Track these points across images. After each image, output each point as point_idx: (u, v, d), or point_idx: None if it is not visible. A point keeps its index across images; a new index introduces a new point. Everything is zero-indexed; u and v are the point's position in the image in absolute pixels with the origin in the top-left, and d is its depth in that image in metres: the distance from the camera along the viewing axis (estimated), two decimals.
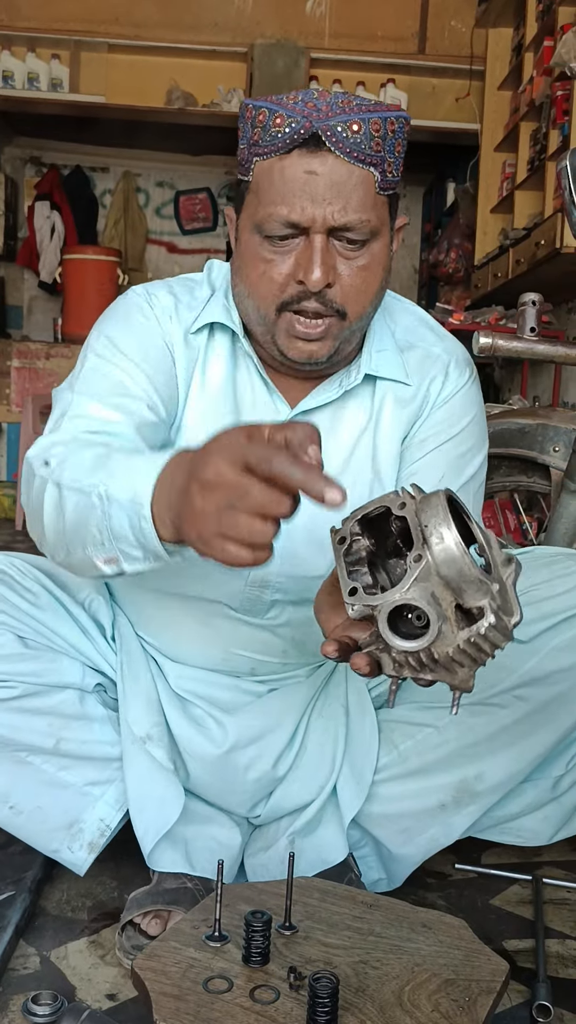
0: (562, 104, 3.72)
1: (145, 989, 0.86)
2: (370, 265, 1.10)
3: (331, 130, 1.03)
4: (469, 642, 0.80)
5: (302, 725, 1.27)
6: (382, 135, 1.05)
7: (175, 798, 1.19)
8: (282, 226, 1.06)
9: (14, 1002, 1.04)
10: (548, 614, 1.17)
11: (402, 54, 5.60)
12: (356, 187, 1.05)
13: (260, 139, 1.06)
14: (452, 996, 0.87)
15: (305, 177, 1.04)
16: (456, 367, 1.25)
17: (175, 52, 5.58)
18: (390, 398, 1.22)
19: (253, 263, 1.10)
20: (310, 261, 1.06)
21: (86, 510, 0.96)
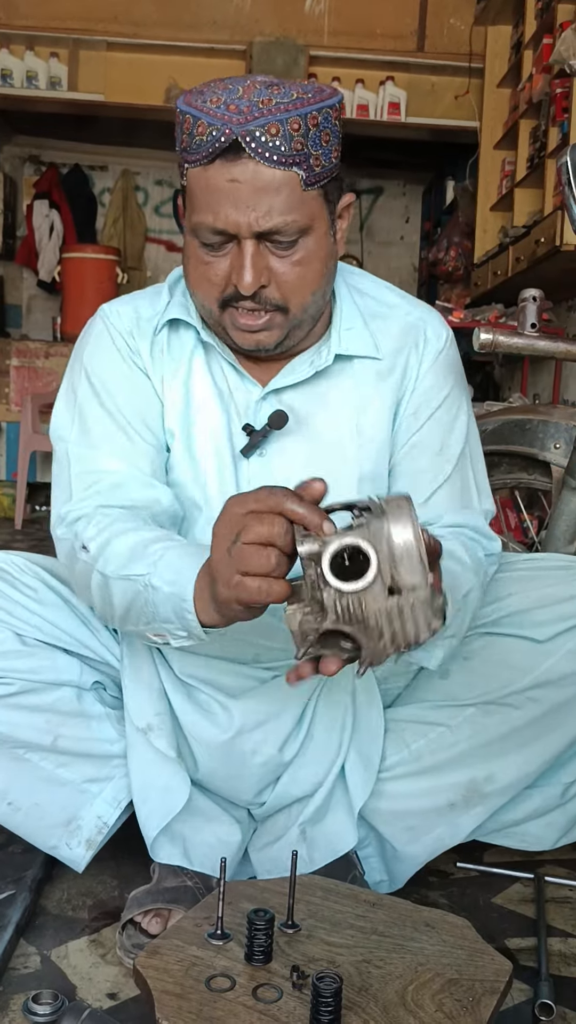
0: (561, 101, 3.72)
1: (147, 987, 0.85)
2: (305, 259, 1.11)
3: (250, 135, 1.03)
4: (397, 608, 0.83)
5: (308, 712, 1.27)
6: (303, 132, 1.05)
7: (180, 786, 1.20)
8: (211, 234, 1.09)
9: (15, 1001, 1.03)
10: (565, 616, 1.17)
11: (401, 52, 5.58)
12: (279, 190, 1.06)
13: (188, 145, 1.08)
14: (456, 996, 0.87)
15: (228, 186, 1.05)
16: (433, 331, 1.26)
17: (174, 50, 5.56)
18: (369, 374, 1.23)
19: (193, 264, 1.14)
20: (241, 267, 1.08)
21: (133, 597, 1.05)
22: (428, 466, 1.23)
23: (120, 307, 1.25)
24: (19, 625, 1.21)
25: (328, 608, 0.84)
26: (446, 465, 1.24)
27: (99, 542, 1.10)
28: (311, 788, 1.25)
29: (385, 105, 5.57)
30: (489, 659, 1.20)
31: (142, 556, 1.05)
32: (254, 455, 1.20)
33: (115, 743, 1.24)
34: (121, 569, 1.06)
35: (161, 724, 1.21)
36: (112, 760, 1.24)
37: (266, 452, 1.20)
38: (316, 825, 1.24)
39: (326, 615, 0.84)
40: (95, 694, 1.27)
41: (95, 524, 1.12)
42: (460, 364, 1.30)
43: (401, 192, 7.21)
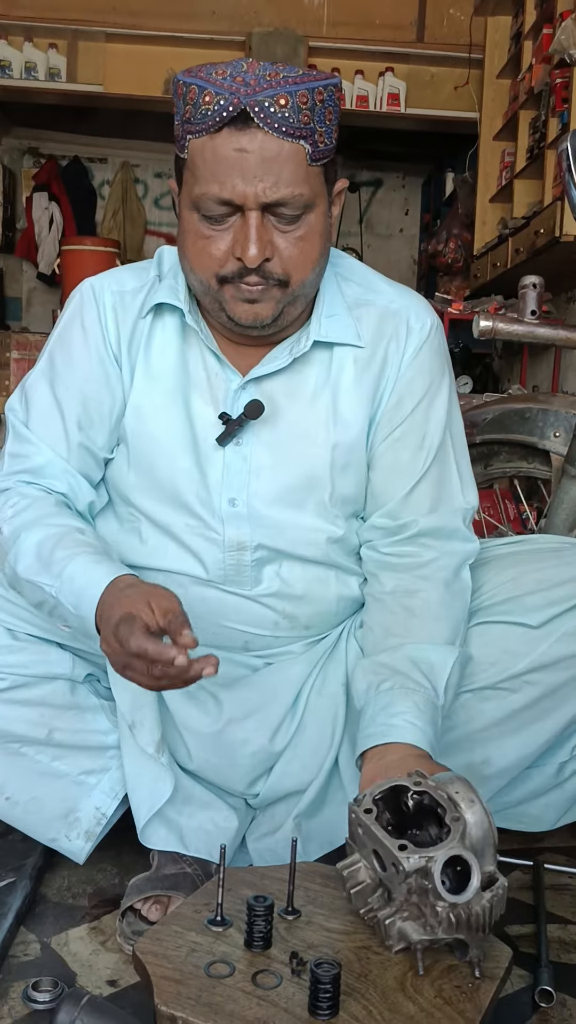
0: (561, 92, 3.70)
1: (146, 973, 0.85)
2: (307, 235, 1.11)
3: (259, 106, 1.03)
4: (491, 902, 0.88)
5: (301, 702, 1.27)
6: (310, 106, 1.06)
7: (166, 779, 1.19)
8: (216, 204, 1.08)
9: (14, 989, 1.04)
10: (558, 600, 1.17)
11: (400, 42, 5.56)
12: (287, 162, 1.06)
13: (191, 116, 1.07)
14: (455, 982, 0.87)
15: (235, 155, 1.05)
16: (417, 319, 1.23)
17: (173, 41, 5.54)
18: (349, 361, 1.21)
19: (193, 239, 1.12)
20: (246, 239, 1.07)
21: (43, 599, 1.13)
22: (409, 459, 1.22)
23: (103, 283, 1.25)
24: (9, 620, 1.21)
25: (441, 919, 0.87)
26: (427, 458, 1.22)
27: (12, 526, 1.16)
28: (305, 781, 1.24)
29: (384, 96, 5.55)
30: (484, 644, 1.20)
31: (48, 565, 1.10)
32: (230, 444, 1.20)
33: (110, 734, 1.24)
34: (29, 572, 1.12)
35: (143, 720, 1.21)
36: (108, 751, 1.24)
37: (242, 441, 1.20)
38: (311, 818, 1.24)
39: (439, 926, 0.87)
40: (89, 686, 1.27)
41: (11, 504, 1.18)
42: (446, 352, 1.28)
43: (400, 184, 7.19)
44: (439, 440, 1.23)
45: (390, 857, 0.88)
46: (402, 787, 0.95)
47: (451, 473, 1.25)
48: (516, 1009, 1.04)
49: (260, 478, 1.21)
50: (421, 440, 1.22)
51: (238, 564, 1.22)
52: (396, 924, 0.88)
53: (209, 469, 1.21)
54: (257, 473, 1.21)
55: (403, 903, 0.88)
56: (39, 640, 1.23)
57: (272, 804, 1.28)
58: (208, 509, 1.21)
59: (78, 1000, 0.85)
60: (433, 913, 0.87)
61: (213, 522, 1.21)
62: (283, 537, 1.22)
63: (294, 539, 1.22)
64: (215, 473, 1.20)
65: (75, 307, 1.25)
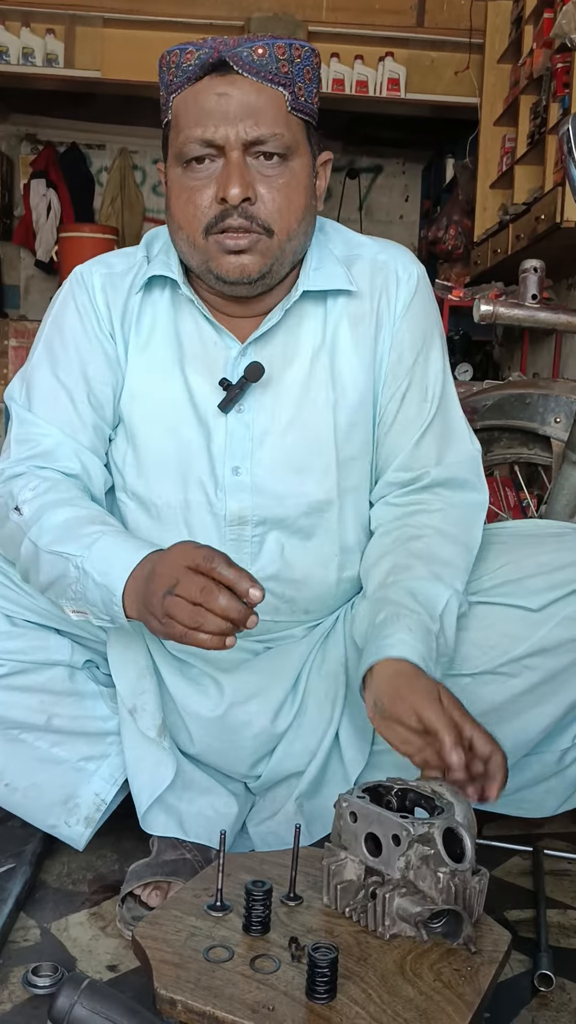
0: (562, 76, 3.68)
1: (146, 957, 0.85)
2: (291, 183, 1.12)
3: (237, 55, 1.08)
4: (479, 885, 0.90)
5: (301, 683, 1.27)
6: (288, 58, 1.10)
7: (168, 764, 1.19)
8: (199, 147, 1.10)
9: (14, 974, 1.04)
10: (559, 584, 1.17)
11: (400, 27, 5.52)
12: (267, 104, 1.09)
13: (175, 77, 1.11)
14: (454, 966, 0.87)
15: (216, 99, 1.09)
16: (404, 270, 1.24)
17: (171, 26, 5.50)
18: (344, 318, 1.22)
19: (178, 193, 1.14)
20: (228, 177, 1.09)
21: (62, 573, 1.09)
22: (416, 412, 1.23)
23: (92, 267, 1.25)
24: (8, 607, 1.21)
25: (443, 887, 0.88)
26: (431, 408, 1.23)
27: (34, 507, 1.13)
28: (306, 761, 1.25)
29: (384, 81, 5.52)
30: (484, 629, 1.20)
31: (76, 536, 1.08)
32: (232, 411, 1.19)
33: (109, 720, 1.24)
34: (54, 544, 1.09)
35: (145, 704, 1.21)
36: (107, 737, 1.24)
37: (244, 407, 1.19)
38: (312, 799, 1.24)
39: (439, 896, 0.88)
40: (88, 672, 1.27)
41: (31, 488, 1.15)
42: (434, 301, 1.28)
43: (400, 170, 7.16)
44: (440, 390, 1.24)
45: (392, 829, 0.89)
46: (385, 787, 0.96)
47: (455, 421, 1.26)
48: (515, 993, 1.05)
49: (264, 444, 1.20)
50: (424, 392, 1.23)
51: (238, 540, 1.21)
52: (395, 900, 0.88)
53: (212, 438, 1.20)
54: (261, 439, 1.20)
55: (399, 881, 0.89)
56: (38, 627, 1.23)
57: (272, 788, 1.28)
58: (210, 480, 1.20)
59: (78, 984, 0.85)
60: (434, 882, 0.88)
61: (215, 495, 1.20)
62: (284, 506, 1.21)
63: (296, 507, 1.22)
64: (218, 441, 1.20)
65: (66, 293, 1.25)
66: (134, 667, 1.23)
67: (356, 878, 0.93)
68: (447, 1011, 0.81)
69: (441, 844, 0.88)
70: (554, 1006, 1.03)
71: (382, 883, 0.90)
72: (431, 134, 6.19)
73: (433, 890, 0.88)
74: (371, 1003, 0.81)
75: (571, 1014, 1.01)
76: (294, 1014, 0.79)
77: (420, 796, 0.95)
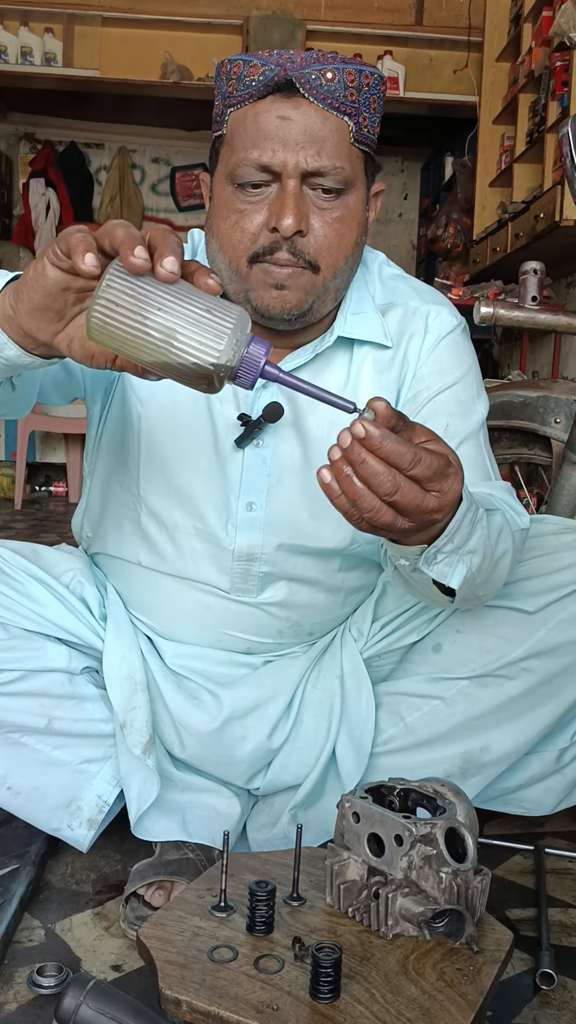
0: (561, 75, 3.68)
1: (150, 957, 0.86)
2: (344, 218, 1.08)
3: (304, 77, 1.03)
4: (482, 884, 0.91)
5: (297, 697, 1.27)
6: (356, 86, 1.05)
7: (153, 781, 1.19)
8: (255, 171, 1.05)
9: (19, 974, 1.04)
10: (556, 586, 1.16)
11: (399, 25, 5.52)
12: (330, 134, 1.04)
13: (234, 90, 1.05)
14: (457, 965, 0.88)
15: (278, 122, 1.03)
16: (436, 317, 1.20)
17: (170, 25, 5.50)
18: (368, 362, 1.19)
19: (225, 215, 1.09)
20: (283, 206, 1.04)
21: None
22: None
23: None
24: (5, 615, 1.20)
25: (445, 887, 0.88)
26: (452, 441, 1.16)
27: None
28: (303, 774, 1.25)
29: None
30: (481, 631, 1.20)
31: None
32: (249, 445, 1.17)
33: (109, 722, 1.24)
34: None
35: (134, 721, 1.21)
36: (108, 740, 1.24)
37: (262, 443, 1.17)
38: (308, 809, 1.24)
39: (441, 896, 0.88)
40: (87, 677, 1.27)
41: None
42: (471, 353, 1.23)
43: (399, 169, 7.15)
44: (464, 429, 1.17)
45: (395, 829, 0.89)
46: (387, 787, 0.97)
47: (484, 457, 1.20)
48: (517, 992, 1.05)
49: (281, 481, 1.18)
50: (443, 429, 1.16)
51: (245, 574, 1.21)
52: (398, 900, 0.89)
53: (228, 471, 1.18)
54: (278, 476, 1.18)
55: (402, 881, 0.89)
56: (34, 635, 1.22)
57: (270, 797, 1.29)
58: (222, 514, 1.19)
59: (84, 984, 0.86)
60: (436, 882, 0.88)
61: (225, 528, 1.19)
62: (294, 550, 1.19)
63: (307, 552, 1.19)
64: (234, 475, 1.18)
65: None
66: (128, 682, 1.24)
67: (359, 878, 0.93)
68: (450, 1010, 0.81)
69: (443, 844, 0.88)
70: (556, 1004, 1.03)
71: (385, 883, 0.91)
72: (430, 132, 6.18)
73: (436, 890, 0.88)
74: (375, 1003, 0.82)
75: (573, 1012, 1.02)
76: (298, 1014, 0.79)
77: (422, 796, 0.95)
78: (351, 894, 0.93)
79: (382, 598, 1.29)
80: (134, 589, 1.29)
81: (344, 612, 1.30)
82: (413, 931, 0.90)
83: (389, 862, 0.90)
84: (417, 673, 1.25)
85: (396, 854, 0.89)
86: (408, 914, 0.89)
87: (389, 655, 1.29)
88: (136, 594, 1.29)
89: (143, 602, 1.29)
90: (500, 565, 1.05)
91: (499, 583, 1.09)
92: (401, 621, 1.27)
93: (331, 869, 0.94)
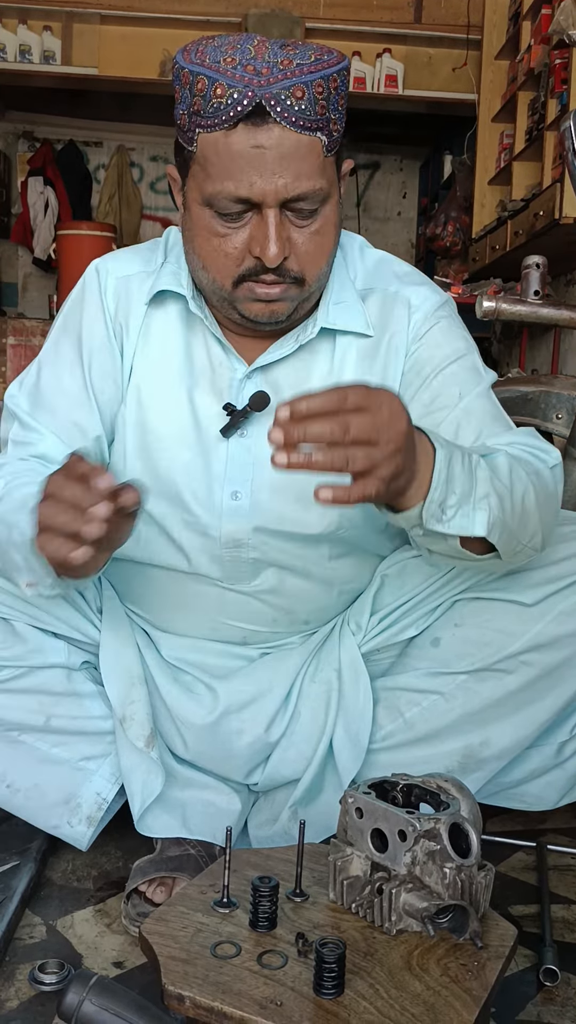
0: (560, 73, 3.68)
1: (153, 953, 0.86)
2: (323, 228, 1.08)
3: (275, 99, 0.99)
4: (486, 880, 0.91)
5: (295, 691, 1.27)
6: (326, 96, 1.02)
7: (157, 773, 1.19)
8: (232, 203, 1.04)
9: (21, 971, 1.04)
10: (554, 578, 1.16)
11: (398, 23, 5.52)
12: (305, 155, 1.02)
13: (202, 109, 1.01)
14: (461, 960, 0.87)
15: (253, 152, 1.01)
16: (418, 296, 1.19)
17: (168, 23, 5.50)
18: (352, 351, 1.19)
19: (206, 236, 1.08)
20: (265, 237, 1.04)
21: (9, 542, 1.06)
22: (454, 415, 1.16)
23: (108, 265, 1.23)
24: (4, 610, 1.20)
25: (449, 883, 0.88)
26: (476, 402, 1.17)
27: (8, 482, 1.11)
28: (301, 768, 1.24)
29: (382, 78, 5.52)
30: (479, 624, 1.19)
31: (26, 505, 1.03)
32: (234, 435, 1.17)
33: (108, 719, 1.24)
34: (8, 515, 1.06)
35: (134, 714, 1.21)
36: (106, 737, 1.24)
37: (247, 432, 1.17)
38: (308, 805, 1.24)
39: (445, 891, 0.88)
40: (85, 673, 1.26)
41: (14, 473, 1.13)
42: (462, 328, 1.23)
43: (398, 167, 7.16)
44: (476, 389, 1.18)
45: (398, 825, 0.89)
46: (390, 782, 0.96)
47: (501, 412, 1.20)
48: (520, 988, 1.05)
49: (265, 468, 1.17)
50: (458, 396, 1.16)
51: (235, 561, 1.21)
52: (401, 895, 0.89)
53: (212, 461, 1.18)
54: (262, 464, 1.17)
55: (405, 877, 0.89)
56: (34, 630, 1.22)
57: (271, 792, 1.28)
58: (207, 504, 1.19)
59: (87, 980, 0.85)
60: (440, 877, 0.88)
61: (210, 518, 1.19)
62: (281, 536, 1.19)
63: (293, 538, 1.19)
64: (218, 465, 1.18)
65: (78, 292, 1.24)
66: (125, 676, 1.23)
67: (362, 874, 0.93)
68: (455, 1006, 0.81)
69: (447, 839, 0.88)
70: (559, 1000, 1.03)
71: (388, 879, 0.90)
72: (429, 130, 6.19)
73: (439, 885, 0.88)
74: (379, 998, 0.81)
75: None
76: (302, 1009, 0.79)
77: (425, 792, 0.95)
78: (354, 890, 0.93)
79: (380, 591, 1.29)
80: (129, 582, 1.29)
81: (338, 603, 1.29)
82: (417, 927, 0.90)
83: (393, 858, 0.90)
84: (416, 668, 1.24)
85: (400, 850, 0.89)
86: (412, 910, 0.89)
87: (388, 649, 1.29)
88: (131, 587, 1.29)
89: (138, 595, 1.29)
90: (526, 505, 1.04)
91: (537, 526, 1.07)
92: (399, 614, 1.27)
93: (334, 865, 0.94)
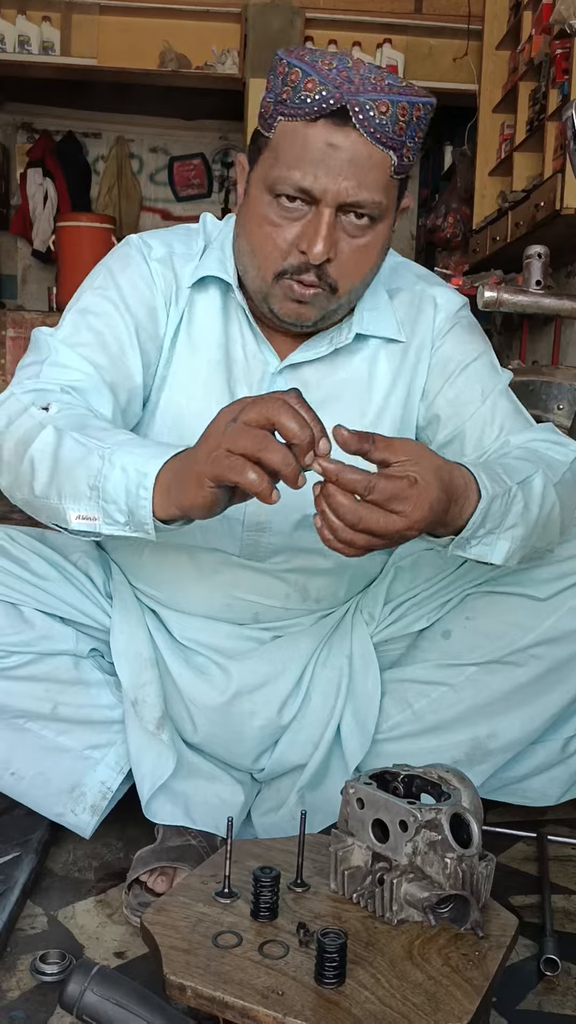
0: (561, 63, 3.66)
1: (154, 943, 0.86)
2: (370, 245, 1.10)
3: (360, 106, 1.02)
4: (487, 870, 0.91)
5: (307, 675, 1.27)
6: (407, 120, 1.05)
7: (168, 756, 1.20)
8: (293, 190, 1.06)
9: (22, 961, 1.04)
10: (567, 573, 1.17)
11: (399, 14, 5.50)
12: (373, 167, 1.05)
13: (289, 98, 1.04)
14: (462, 950, 0.87)
15: (326, 148, 1.03)
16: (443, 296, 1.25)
17: (168, 13, 5.48)
18: (382, 354, 1.22)
19: (259, 222, 1.10)
20: (316, 234, 1.06)
21: (80, 463, 0.98)
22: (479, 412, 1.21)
23: (152, 241, 1.22)
24: (13, 595, 1.20)
25: (450, 873, 0.88)
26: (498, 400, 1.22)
27: (64, 409, 1.04)
28: (309, 752, 1.25)
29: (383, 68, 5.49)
30: (491, 617, 1.20)
31: (107, 431, 1.00)
32: None
33: (114, 709, 1.24)
34: (81, 430, 1.00)
35: (146, 697, 1.21)
36: (113, 726, 1.24)
37: None
38: (314, 791, 1.24)
39: (446, 881, 0.88)
40: (93, 661, 1.26)
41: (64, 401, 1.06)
42: (480, 332, 1.27)
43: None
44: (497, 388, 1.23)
45: (399, 815, 0.89)
46: (392, 773, 0.97)
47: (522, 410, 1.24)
48: (521, 977, 1.05)
49: None
50: (481, 393, 1.22)
51: (255, 545, 1.21)
52: (402, 885, 0.89)
53: None
54: None
55: (407, 867, 0.89)
56: (43, 615, 1.22)
57: (276, 778, 1.29)
58: None
59: (88, 970, 0.86)
60: (441, 867, 0.88)
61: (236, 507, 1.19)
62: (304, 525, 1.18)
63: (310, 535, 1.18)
64: None
65: (122, 254, 1.21)
66: (136, 659, 1.23)
67: (363, 864, 0.93)
68: (456, 995, 0.81)
69: (448, 830, 0.88)
70: (560, 990, 1.03)
71: (389, 869, 0.90)
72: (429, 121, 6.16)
73: (440, 875, 0.88)
74: (380, 987, 0.81)
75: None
76: (303, 999, 0.79)
77: (427, 782, 0.95)
78: (356, 880, 0.93)
79: (394, 582, 1.30)
80: (142, 560, 1.28)
81: (350, 585, 1.29)
82: (418, 917, 0.90)
83: (394, 848, 0.90)
84: (426, 659, 1.25)
85: (401, 840, 0.89)
86: (413, 900, 0.89)
87: (398, 640, 1.30)
88: (143, 566, 1.28)
89: (149, 572, 1.28)
90: (551, 519, 1.09)
91: (556, 535, 1.13)
92: (411, 605, 1.28)
93: (335, 855, 0.94)
